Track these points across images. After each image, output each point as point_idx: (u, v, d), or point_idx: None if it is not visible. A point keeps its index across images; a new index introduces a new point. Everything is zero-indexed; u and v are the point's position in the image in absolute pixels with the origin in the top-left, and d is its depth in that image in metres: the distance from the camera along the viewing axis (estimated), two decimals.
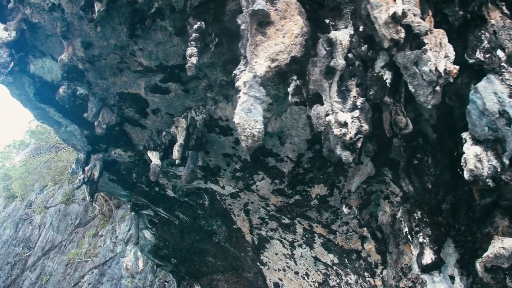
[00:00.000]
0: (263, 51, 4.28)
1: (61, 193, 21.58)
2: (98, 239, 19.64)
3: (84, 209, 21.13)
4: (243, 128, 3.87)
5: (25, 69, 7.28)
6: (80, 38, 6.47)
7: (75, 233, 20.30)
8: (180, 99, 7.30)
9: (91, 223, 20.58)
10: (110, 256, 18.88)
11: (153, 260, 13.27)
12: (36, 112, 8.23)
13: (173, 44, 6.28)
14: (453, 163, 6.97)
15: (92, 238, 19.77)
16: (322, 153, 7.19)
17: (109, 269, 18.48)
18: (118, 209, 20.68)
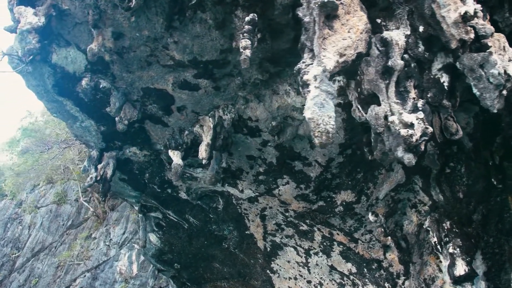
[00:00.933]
0: (331, 45, 4.06)
1: (53, 193, 20.92)
2: (91, 242, 19.04)
3: (76, 210, 20.51)
4: (317, 124, 3.62)
5: (46, 59, 6.92)
6: (111, 28, 6.17)
7: (67, 234, 19.64)
8: (209, 96, 7.03)
9: (84, 225, 19.97)
10: (104, 259, 18.32)
11: (155, 264, 12.82)
12: (52, 105, 7.84)
13: (211, 38, 6.03)
14: (488, 172, 6.85)
15: (84, 240, 19.16)
16: (353, 158, 7.02)
17: (102, 273, 17.91)
18: (112, 211, 20.14)
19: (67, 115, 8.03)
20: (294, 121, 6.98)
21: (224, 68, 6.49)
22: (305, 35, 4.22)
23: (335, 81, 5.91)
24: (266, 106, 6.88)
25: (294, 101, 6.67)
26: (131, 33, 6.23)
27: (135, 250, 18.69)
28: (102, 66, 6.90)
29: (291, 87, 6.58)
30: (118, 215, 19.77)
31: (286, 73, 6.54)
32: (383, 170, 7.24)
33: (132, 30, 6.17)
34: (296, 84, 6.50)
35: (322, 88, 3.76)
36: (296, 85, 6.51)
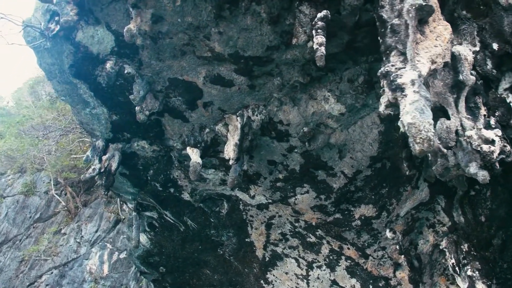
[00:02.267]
0: (424, 50, 3.87)
1: (21, 183, 19.61)
2: (61, 237, 17.96)
3: (46, 203, 19.32)
4: (419, 130, 3.41)
5: (69, 36, 6.37)
6: (152, 9, 5.74)
7: (34, 228, 18.42)
8: (241, 95, 6.69)
9: (53, 219, 18.83)
10: (73, 257, 17.31)
11: (139, 266, 12.15)
12: (62, 87, 7.25)
13: (260, 33, 5.72)
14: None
15: (53, 235, 18.05)
16: (381, 172, 6.86)
17: (70, 271, 16.89)
18: (85, 207, 19.15)
19: (77, 100, 7.44)
20: (327, 129, 6.76)
21: (265, 66, 6.19)
22: (393, 37, 4.00)
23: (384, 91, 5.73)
24: (300, 110, 6.62)
25: (332, 108, 6.45)
26: (173, 18, 5.82)
27: (107, 249, 17.84)
28: (130, 50, 6.43)
29: (331, 93, 6.35)
30: (91, 212, 18.82)
31: (327, 78, 6.32)
32: (409, 187, 7.12)
33: (175, 15, 5.77)
34: (338, 91, 6.29)
35: (422, 93, 3.55)
36: (338, 91, 6.30)
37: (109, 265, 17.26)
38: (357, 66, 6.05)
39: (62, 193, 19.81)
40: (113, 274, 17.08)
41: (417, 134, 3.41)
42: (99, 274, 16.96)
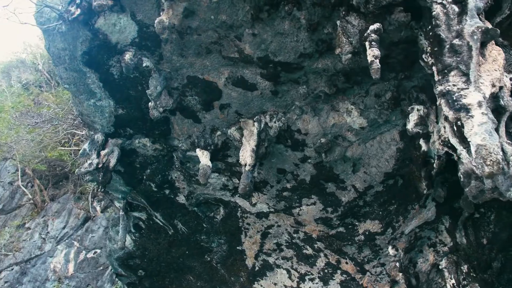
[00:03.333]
0: (486, 73, 3.88)
1: None
2: (24, 232, 16.93)
3: (10, 194, 18.19)
4: (489, 152, 3.38)
5: (89, 21, 6.00)
6: (186, 3, 5.49)
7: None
8: (262, 100, 6.53)
9: (17, 212, 17.74)
10: (37, 253, 16.36)
11: (116, 268, 11.58)
12: (69, 75, 6.80)
13: (296, 39, 5.60)
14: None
15: (16, 229, 16.99)
16: (392, 189, 6.88)
17: (32, 268, 15.94)
18: (52, 202, 18.21)
19: (83, 89, 7.01)
20: (345, 141, 6.71)
21: (294, 73, 6.07)
22: (454, 57, 3.99)
23: (414, 109, 5.76)
24: (320, 121, 6.54)
25: (353, 121, 6.40)
26: (206, 14, 5.60)
27: (74, 248, 17.03)
28: (152, 43, 6.13)
29: (354, 107, 6.31)
30: (59, 207, 17.92)
31: (352, 91, 6.28)
32: (417, 206, 7.18)
33: (208, 11, 5.55)
34: (362, 105, 6.26)
35: (489, 116, 3.55)
36: (362, 105, 6.26)
37: (75, 264, 16.46)
38: (385, 81, 6.04)
39: (28, 185, 18.76)
40: (79, 274, 16.29)
41: (488, 156, 3.38)
42: (64, 273, 16.12)
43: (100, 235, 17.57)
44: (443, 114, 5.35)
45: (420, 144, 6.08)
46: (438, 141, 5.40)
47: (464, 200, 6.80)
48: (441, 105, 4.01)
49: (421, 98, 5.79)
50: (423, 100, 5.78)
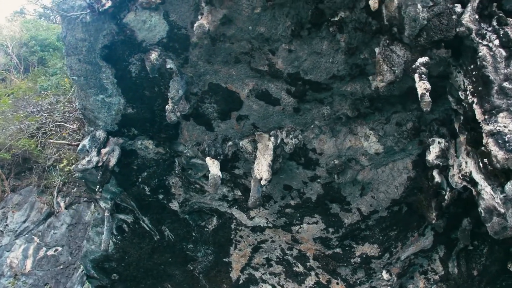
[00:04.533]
0: None
1: None
2: None
3: None
4: None
5: (117, 15, 5.74)
6: (226, 10, 5.38)
7: None
8: (282, 115, 6.48)
9: None
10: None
11: (89, 270, 11.01)
12: (82, 67, 6.46)
13: (332, 60, 5.62)
14: (507, 258, 7.39)
15: None
16: (396, 215, 7.02)
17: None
18: (13, 193, 17.12)
19: (93, 83, 6.68)
20: (357, 165, 6.78)
21: (320, 93, 6.08)
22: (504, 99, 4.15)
23: (434, 142, 5.92)
24: (337, 142, 6.58)
25: (370, 146, 6.49)
26: (244, 24, 5.51)
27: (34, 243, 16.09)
28: (180, 45, 5.95)
29: (373, 132, 6.41)
30: (20, 199, 16.88)
31: (373, 116, 6.37)
32: (416, 233, 7.36)
33: (247, 21, 5.47)
34: (382, 131, 6.37)
35: None
36: (382, 132, 6.36)
37: (34, 261, 15.53)
38: (408, 111, 6.18)
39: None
40: (37, 272, 15.39)
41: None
42: (21, 270, 15.17)
43: (62, 232, 16.69)
44: (464, 150, 5.54)
45: (433, 175, 6.24)
46: (458, 175, 5.58)
47: (461, 232, 7.05)
48: (488, 144, 4.13)
49: (441, 131, 5.96)
50: (443, 134, 5.95)
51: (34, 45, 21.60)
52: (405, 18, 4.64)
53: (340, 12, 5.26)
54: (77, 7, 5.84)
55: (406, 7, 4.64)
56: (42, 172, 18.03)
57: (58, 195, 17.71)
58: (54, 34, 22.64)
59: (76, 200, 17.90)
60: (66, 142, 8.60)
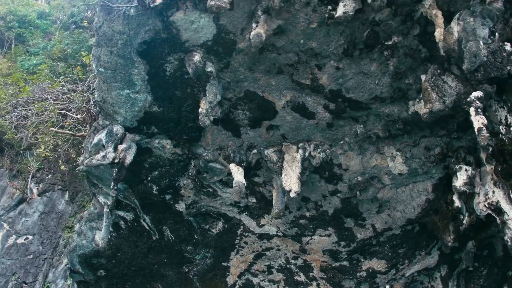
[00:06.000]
0: None
1: None
2: None
3: None
4: None
5: (164, 12, 5.54)
6: (282, 21, 5.34)
7: None
8: (314, 129, 6.51)
9: None
10: None
11: (75, 265, 10.56)
12: (112, 59, 6.18)
13: (377, 82, 5.71)
14: (503, 281, 7.80)
15: None
16: (408, 234, 7.26)
17: None
18: None
19: (121, 77, 6.42)
20: (378, 183, 6.93)
21: (358, 111, 6.16)
22: None
23: (461, 168, 6.14)
24: (363, 160, 6.70)
25: (395, 166, 6.65)
26: (296, 37, 5.49)
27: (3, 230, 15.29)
28: (224, 49, 5.83)
29: (400, 153, 6.57)
30: None
31: (401, 138, 6.54)
32: (423, 252, 7.62)
33: (300, 35, 5.45)
34: (409, 153, 6.54)
35: None
36: (409, 154, 6.53)
37: (2, 249, 14.76)
38: (436, 137, 6.38)
39: None
40: (5, 260, 14.64)
41: None
42: None
43: (34, 220, 15.93)
44: (491, 179, 5.79)
45: (453, 199, 6.49)
46: (484, 203, 5.83)
47: (466, 254, 7.36)
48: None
49: (468, 159, 6.20)
50: (470, 162, 6.20)
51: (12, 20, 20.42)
52: (465, 53, 4.78)
53: (394, 37, 5.35)
54: None
55: (466, 41, 4.78)
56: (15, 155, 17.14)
57: (31, 181, 16.92)
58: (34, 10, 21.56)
59: (50, 187, 17.13)
60: (69, 132, 8.18)
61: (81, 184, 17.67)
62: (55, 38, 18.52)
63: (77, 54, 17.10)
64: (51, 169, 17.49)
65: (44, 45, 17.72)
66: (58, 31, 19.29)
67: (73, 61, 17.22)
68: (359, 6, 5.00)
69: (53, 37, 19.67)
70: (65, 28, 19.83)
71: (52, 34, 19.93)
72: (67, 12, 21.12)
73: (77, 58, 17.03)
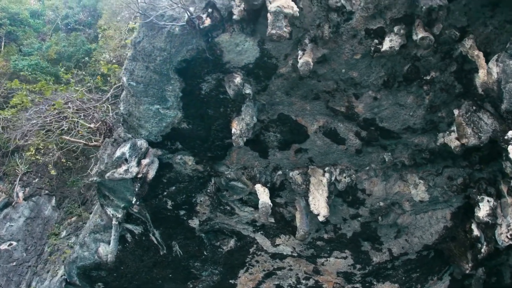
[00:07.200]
0: None
1: None
2: None
3: None
4: None
5: (209, 33, 5.56)
6: (327, 51, 5.48)
7: None
8: (342, 154, 6.64)
9: None
10: None
11: (72, 276, 10.22)
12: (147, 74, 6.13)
13: (411, 114, 5.91)
14: None
15: None
16: (423, 259, 7.46)
17: None
18: None
19: (153, 93, 6.38)
20: (399, 209, 7.10)
21: (388, 140, 6.33)
22: None
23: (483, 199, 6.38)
24: (387, 186, 6.86)
25: (417, 194, 6.84)
26: (338, 66, 5.63)
27: None
28: (264, 73, 5.91)
29: (422, 181, 6.77)
30: None
31: (425, 167, 6.75)
32: (435, 277, 7.82)
33: (343, 65, 5.60)
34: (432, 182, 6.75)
35: None
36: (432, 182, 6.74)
37: None
38: (458, 167, 6.61)
39: None
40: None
41: None
42: None
43: (19, 226, 15.45)
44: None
45: (472, 228, 6.73)
46: (506, 234, 6.07)
47: (476, 280, 7.61)
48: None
49: (489, 190, 6.45)
50: (491, 193, 6.44)
51: (3, 17, 19.87)
52: (505, 93, 5.02)
53: (432, 72, 5.56)
54: (167, 17, 5.59)
55: (506, 83, 5.03)
56: (2, 157, 16.59)
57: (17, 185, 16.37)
58: (26, 9, 21.07)
59: (36, 192, 16.68)
60: (82, 141, 8.01)
61: (69, 189, 17.25)
62: (49, 39, 18.14)
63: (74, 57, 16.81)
64: (38, 172, 17.03)
65: (39, 45, 17.29)
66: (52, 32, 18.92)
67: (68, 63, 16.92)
68: (404, 42, 5.19)
69: (46, 37, 19.27)
70: (58, 29, 19.48)
71: (45, 34, 19.50)
72: (61, 12, 20.73)
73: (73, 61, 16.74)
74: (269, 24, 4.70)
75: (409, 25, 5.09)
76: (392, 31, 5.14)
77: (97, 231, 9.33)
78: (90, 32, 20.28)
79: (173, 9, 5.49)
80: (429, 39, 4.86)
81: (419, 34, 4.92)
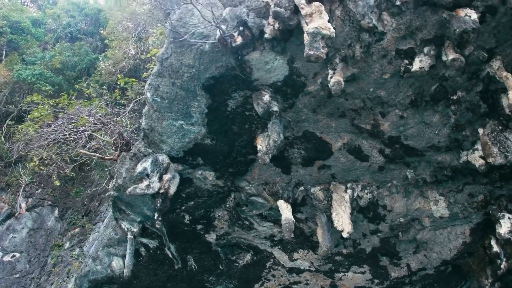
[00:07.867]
0: None
1: None
2: None
3: None
4: None
5: (239, 51, 5.60)
6: (357, 70, 5.55)
7: None
8: (364, 171, 6.69)
9: None
10: None
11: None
12: (173, 90, 6.16)
13: (436, 132, 5.99)
14: None
15: None
16: (441, 274, 7.51)
17: None
18: None
19: (178, 109, 6.40)
20: (418, 225, 7.16)
21: (411, 157, 6.40)
22: None
23: (504, 216, 6.46)
24: (408, 202, 6.93)
25: (437, 210, 6.90)
26: (367, 85, 5.70)
27: None
28: (292, 91, 5.97)
29: (443, 197, 6.84)
30: None
31: (445, 184, 6.82)
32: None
33: (372, 84, 5.67)
34: (453, 199, 6.82)
35: None
36: (453, 199, 6.81)
37: None
38: (479, 184, 6.69)
39: None
40: None
41: None
42: None
43: (23, 237, 15.31)
44: None
45: (491, 244, 6.80)
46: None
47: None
48: None
49: (510, 207, 6.53)
50: (511, 210, 6.53)
51: (4, 26, 19.76)
52: None
53: (458, 92, 5.65)
54: (197, 34, 5.62)
55: None
56: (4, 167, 16.44)
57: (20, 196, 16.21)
58: (27, 17, 21.00)
59: (40, 202, 16.60)
60: (98, 155, 7.97)
61: (72, 200, 17.14)
62: (52, 48, 18.07)
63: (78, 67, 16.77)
64: (41, 183, 16.92)
65: (42, 55, 17.22)
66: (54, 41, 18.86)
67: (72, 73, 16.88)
68: (433, 62, 5.28)
69: (48, 46, 19.21)
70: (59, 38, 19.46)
71: (46, 43, 19.44)
72: (62, 21, 20.69)
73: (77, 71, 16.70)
74: (306, 45, 4.74)
75: (439, 46, 5.19)
76: (422, 51, 5.24)
77: (110, 245, 9.25)
78: (92, 42, 20.29)
79: (205, 27, 5.53)
80: (460, 61, 4.95)
81: (450, 56, 5.01)
